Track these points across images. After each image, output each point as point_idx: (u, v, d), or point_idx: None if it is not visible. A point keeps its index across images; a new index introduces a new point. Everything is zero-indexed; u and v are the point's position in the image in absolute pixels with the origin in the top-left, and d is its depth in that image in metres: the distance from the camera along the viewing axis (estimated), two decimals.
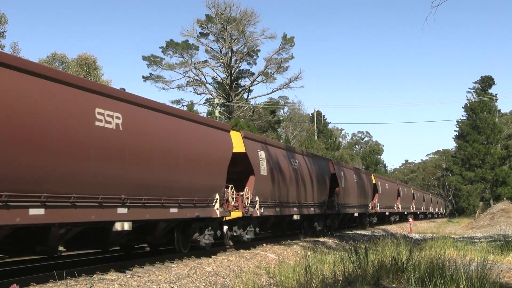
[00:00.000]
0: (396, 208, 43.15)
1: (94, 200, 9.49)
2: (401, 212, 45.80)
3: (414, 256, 9.41)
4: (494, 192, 67.50)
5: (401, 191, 45.79)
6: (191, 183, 12.79)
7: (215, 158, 14.05)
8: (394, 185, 44.71)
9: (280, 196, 18.63)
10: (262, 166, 17.08)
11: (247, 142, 16.39)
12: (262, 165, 17.14)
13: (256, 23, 54.20)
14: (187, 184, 12.57)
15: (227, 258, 13.49)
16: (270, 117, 56.31)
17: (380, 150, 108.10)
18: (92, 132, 9.44)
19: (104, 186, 9.74)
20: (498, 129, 69.63)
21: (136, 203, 10.62)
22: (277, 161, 18.76)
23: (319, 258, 11.85)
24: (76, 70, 30.45)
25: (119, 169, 10.11)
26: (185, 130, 12.82)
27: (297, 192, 20.48)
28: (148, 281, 9.52)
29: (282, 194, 18.82)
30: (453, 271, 8.07)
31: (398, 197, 44.45)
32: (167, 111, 12.24)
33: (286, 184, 19.39)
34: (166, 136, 11.84)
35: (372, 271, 8.64)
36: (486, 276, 7.81)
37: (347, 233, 26.73)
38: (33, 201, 8.22)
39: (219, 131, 14.83)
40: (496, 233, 28.72)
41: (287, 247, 17.50)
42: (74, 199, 8.98)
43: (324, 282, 8.23)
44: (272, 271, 11.80)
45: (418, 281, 7.79)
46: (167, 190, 11.71)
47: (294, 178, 20.27)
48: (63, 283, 8.72)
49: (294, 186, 20.13)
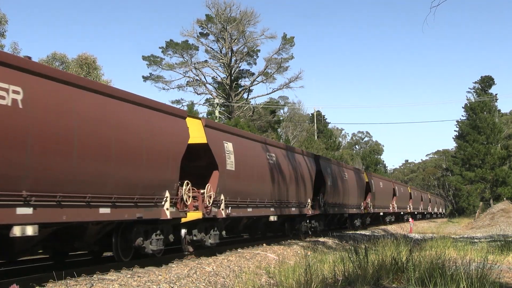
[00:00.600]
0: (392, 208, 41.28)
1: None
2: (397, 212, 44.02)
3: (414, 256, 9.41)
4: (494, 192, 67.52)
5: (396, 190, 43.69)
6: (130, 178, 10.64)
7: (164, 149, 11.92)
8: (389, 184, 42.70)
9: (252, 194, 16.39)
10: (229, 159, 14.76)
11: (209, 132, 14.11)
12: (229, 158, 14.80)
13: (256, 23, 54.29)
14: (124, 179, 10.44)
15: (227, 258, 13.48)
16: (270, 117, 56.34)
17: (380, 150, 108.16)
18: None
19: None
20: (498, 129, 69.67)
21: (46, 201, 8.58)
22: (248, 155, 16.45)
23: (319, 258, 11.86)
24: (76, 70, 30.48)
25: (17, 157, 8.02)
26: (123, 113, 10.67)
27: (274, 190, 18.15)
28: (148, 281, 9.52)
29: (254, 192, 16.60)
30: (453, 271, 8.07)
31: (394, 196, 42.49)
32: (99, 90, 10.14)
33: (260, 181, 17.14)
34: (94, 120, 9.70)
35: (372, 271, 8.64)
36: (486, 276, 7.81)
37: (347, 233, 26.67)
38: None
39: (170, 117, 12.58)
40: (496, 233, 28.74)
41: (287, 247, 17.51)
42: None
43: (324, 282, 8.23)
44: (272, 271, 11.81)
45: (418, 281, 7.79)
46: (94, 186, 9.63)
47: (269, 174, 17.89)
48: (63, 283, 8.71)
49: (270, 184, 17.84)
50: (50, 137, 8.68)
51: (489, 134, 68.86)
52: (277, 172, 18.66)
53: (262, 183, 17.29)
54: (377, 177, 40.12)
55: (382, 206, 37.85)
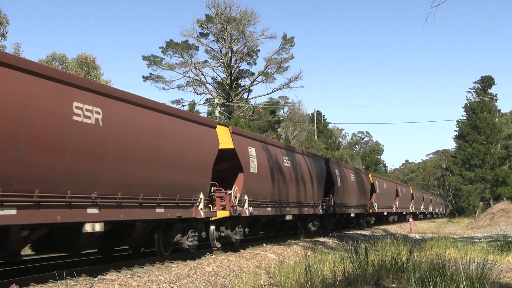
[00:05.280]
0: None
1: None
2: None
3: (414, 256, 9.41)
4: (494, 192, 67.50)
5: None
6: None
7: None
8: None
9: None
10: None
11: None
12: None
13: (256, 23, 54.32)
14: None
15: (227, 258, 13.48)
16: (270, 117, 56.32)
17: (380, 150, 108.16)
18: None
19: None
20: (498, 129, 69.63)
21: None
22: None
23: (319, 258, 11.84)
24: (75, 70, 30.48)
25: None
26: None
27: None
28: (148, 281, 9.52)
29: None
30: (453, 271, 8.06)
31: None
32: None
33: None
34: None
35: (372, 271, 8.64)
36: (486, 276, 7.81)
37: (347, 233, 26.69)
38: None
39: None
40: (496, 233, 28.73)
41: (287, 247, 17.50)
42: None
43: (324, 282, 8.23)
44: (272, 271, 11.79)
45: (418, 281, 7.79)
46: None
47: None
48: (63, 283, 8.71)
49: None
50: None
51: (489, 134, 68.84)
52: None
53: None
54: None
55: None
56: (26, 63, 8.34)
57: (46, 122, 8.43)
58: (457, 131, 75.12)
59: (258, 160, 16.60)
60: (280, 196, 18.58)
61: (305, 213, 21.56)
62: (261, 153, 17.14)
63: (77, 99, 9.17)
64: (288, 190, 19.44)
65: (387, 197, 39.58)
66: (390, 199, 40.83)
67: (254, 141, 17.10)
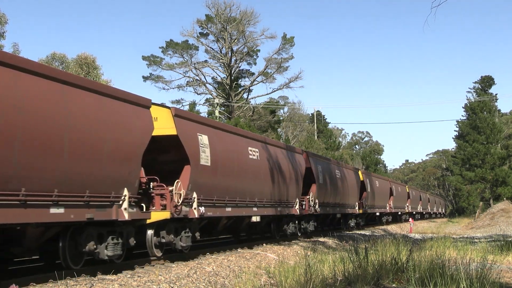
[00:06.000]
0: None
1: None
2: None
3: (414, 256, 9.40)
4: (494, 192, 67.48)
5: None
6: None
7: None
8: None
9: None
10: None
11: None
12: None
13: (256, 23, 54.28)
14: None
15: (227, 258, 13.48)
16: (270, 117, 56.33)
17: (380, 150, 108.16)
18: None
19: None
20: (498, 129, 69.61)
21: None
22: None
23: (319, 258, 11.84)
24: (75, 70, 30.49)
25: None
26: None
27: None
28: (148, 281, 9.52)
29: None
30: (453, 271, 8.06)
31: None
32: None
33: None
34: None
35: (372, 271, 8.64)
36: (486, 276, 7.80)
37: (347, 233, 26.65)
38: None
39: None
40: (496, 233, 28.72)
41: (287, 247, 17.52)
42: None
43: (324, 282, 8.23)
44: (272, 271, 11.79)
45: (418, 281, 7.79)
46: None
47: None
48: (63, 283, 8.71)
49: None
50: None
51: (489, 134, 68.81)
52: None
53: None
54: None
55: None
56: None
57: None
58: (457, 131, 75.17)
59: (212, 150, 13.82)
60: (243, 194, 15.85)
61: (277, 214, 18.74)
62: (217, 142, 14.37)
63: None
64: (254, 187, 16.66)
65: (380, 196, 37.26)
66: (383, 199, 38.65)
67: (206, 127, 14.19)
